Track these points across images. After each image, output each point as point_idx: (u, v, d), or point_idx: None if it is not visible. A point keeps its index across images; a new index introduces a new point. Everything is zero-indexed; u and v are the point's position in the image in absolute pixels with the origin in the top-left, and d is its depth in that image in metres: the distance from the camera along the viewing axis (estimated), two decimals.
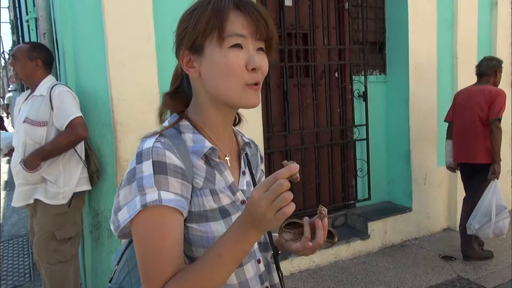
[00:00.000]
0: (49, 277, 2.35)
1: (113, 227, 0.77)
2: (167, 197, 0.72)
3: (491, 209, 3.04)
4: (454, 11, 3.91)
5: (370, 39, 3.85)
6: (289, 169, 0.65)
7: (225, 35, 0.76)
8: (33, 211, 2.40)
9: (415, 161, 3.80)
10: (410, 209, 3.80)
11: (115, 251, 1.38)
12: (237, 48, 0.76)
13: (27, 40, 3.88)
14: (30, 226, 2.53)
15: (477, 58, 4.07)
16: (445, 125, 3.98)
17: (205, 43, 0.78)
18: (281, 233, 0.94)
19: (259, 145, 2.92)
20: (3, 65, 18.26)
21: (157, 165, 0.73)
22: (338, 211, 3.79)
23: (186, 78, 0.88)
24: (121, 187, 0.76)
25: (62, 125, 2.26)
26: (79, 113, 2.30)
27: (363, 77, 3.72)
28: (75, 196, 2.37)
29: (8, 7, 9.10)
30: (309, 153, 3.60)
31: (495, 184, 3.10)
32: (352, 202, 3.84)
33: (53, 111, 2.27)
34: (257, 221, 0.66)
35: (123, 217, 0.74)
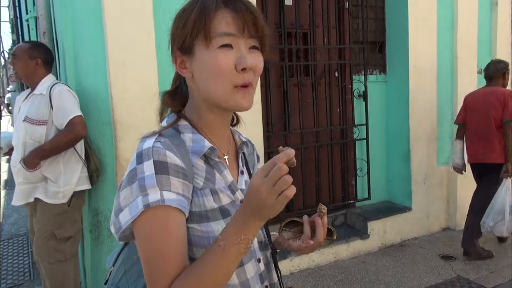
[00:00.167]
0: (49, 276, 2.35)
1: (113, 229, 0.75)
2: (170, 197, 0.71)
3: (505, 207, 3.11)
4: (454, 11, 3.91)
5: (370, 39, 3.85)
6: (286, 154, 0.64)
7: (212, 35, 0.74)
8: (33, 210, 2.40)
9: (415, 161, 3.80)
10: (409, 209, 3.80)
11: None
12: (226, 48, 0.74)
13: (27, 39, 3.87)
14: (30, 225, 2.53)
15: (477, 58, 4.08)
16: (445, 125, 4.00)
17: (195, 44, 0.77)
18: (281, 231, 0.95)
19: (259, 145, 2.95)
20: (3, 64, 18.25)
21: (159, 165, 0.72)
22: (337, 211, 3.79)
23: (184, 78, 0.87)
24: (121, 188, 0.74)
25: (61, 124, 2.26)
26: (79, 112, 2.30)
27: (363, 77, 3.72)
28: (75, 195, 2.37)
29: (8, 6, 9.09)
30: (309, 153, 3.60)
31: (508, 182, 3.17)
32: (352, 201, 3.84)
33: (52, 110, 2.27)
34: (258, 208, 0.66)
35: (124, 218, 0.72)
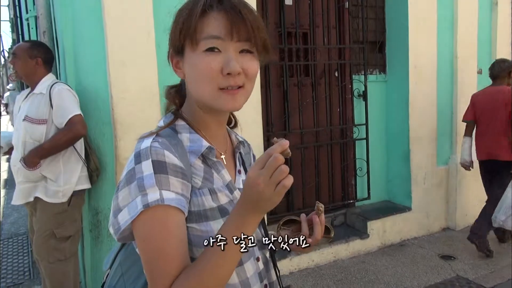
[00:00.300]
0: (49, 275, 2.35)
1: (112, 230, 0.75)
2: (169, 196, 0.71)
3: None
4: (454, 10, 3.91)
5: (370, 39, 3.85)
6: (280, 145, 0.64)
7: (199, 38, 0.74)
8: (33, 209, 2.40)
9: (414, 161, 3.80)
10: (409, 209, 3.80)
11: None
12: (212, 52, 0.73)
13: (27, 38, 3.88)
14: (29, 224, 2.53)
15: (477, 57, 4.08)
16: (445, 125, 4.02)
17: (185, 46, 0.77)
18: (279, 230, 0.95)
19: (259, 144, 2.96)
20: (2, 63, 18.26)
21: (157, 164, 0.71)
22: (337, 210, 3.79)
23: None
24: (119, 189, 0.74)
25: (61, 123, 2.26)
26: (79, 111, 2.30)
27: (363, 77, 3.72)
28: (75, 194, 2.38)
29: (8, 5, 9.09)
30: (308, 152, 3.60)
31: None
32: (351, 201, 3.84)
33: (52, 109, 2.27)
34: (256, 201, 0.65)
35: (123, 218, 0.72)
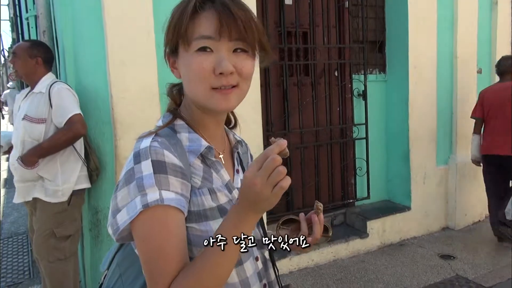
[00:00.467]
0: (49, 274, 2.35)
1: (111, 230, 0.74)
2: (169, 196, 0.70)
3: None
4: (454, 10, 3.91)
5: (370, 38, 3.85)
6: (278, 145, 0.64)
7: (191, 38, 0.73)
8: (33, 208, 2.41)
9: (414, 160, 3.80)
10: (409, 208, 3.81)
11: None
12: (204, 51, 0.73)
13: (27, 38, 3.87)
14: (29, 223, 2.53)
15: (477, 57, 4.08)
16: (445, 125, 4.02)
17: (179, 46, 0.77)
18: (278, 230, 0.95)
19: (259, 144, 2.95)
20: (2, 62, 18.25)
21: (157, 164, 0.71)
22: (337, 210, 3.79)
23: None
24: (118, 189, 0.74)
25: (60, 122, 2.26)
26: (78, 111, 2.30)
27: (362, 76, 3.72)
28: (75, 194, 2.38)
29: (8, 5, 9.08)
30: (308, 152, 3.60)
31: None
32: (351, 201, 3.84)
33: (52, 109, 2.27)
34: (253, 202, 0.65)
35: (122, 219, 0.71)
